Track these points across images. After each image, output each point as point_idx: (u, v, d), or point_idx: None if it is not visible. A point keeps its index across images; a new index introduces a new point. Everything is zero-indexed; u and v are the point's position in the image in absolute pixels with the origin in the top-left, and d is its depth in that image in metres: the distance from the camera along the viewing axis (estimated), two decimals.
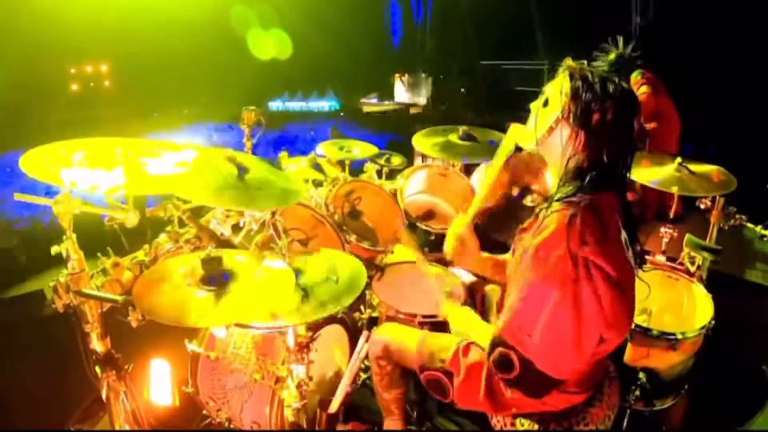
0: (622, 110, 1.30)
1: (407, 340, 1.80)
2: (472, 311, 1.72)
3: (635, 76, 4.47)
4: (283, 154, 3.00)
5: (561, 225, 1.26)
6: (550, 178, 1.47)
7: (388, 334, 1.88)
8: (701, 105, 4.99)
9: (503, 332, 1.33)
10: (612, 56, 4.90)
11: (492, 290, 2.11)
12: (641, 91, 4.44)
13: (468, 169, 3.30)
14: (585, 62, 1.38)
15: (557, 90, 1.36)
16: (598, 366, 1.51)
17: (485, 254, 1.80)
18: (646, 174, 2.53)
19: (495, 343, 1.36)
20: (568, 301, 1.23)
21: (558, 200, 1.34)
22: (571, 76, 1.33)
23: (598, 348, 1.34)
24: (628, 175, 1.38)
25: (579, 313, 1.23)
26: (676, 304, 2.37)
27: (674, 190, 2.43)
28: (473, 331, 1.60)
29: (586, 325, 1.25)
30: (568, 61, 1.39)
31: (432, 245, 2.78)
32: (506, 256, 1.81)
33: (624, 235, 1.36)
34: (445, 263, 2.65)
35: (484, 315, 1.96)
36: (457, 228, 1.73)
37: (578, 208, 1.27)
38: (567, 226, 1.25)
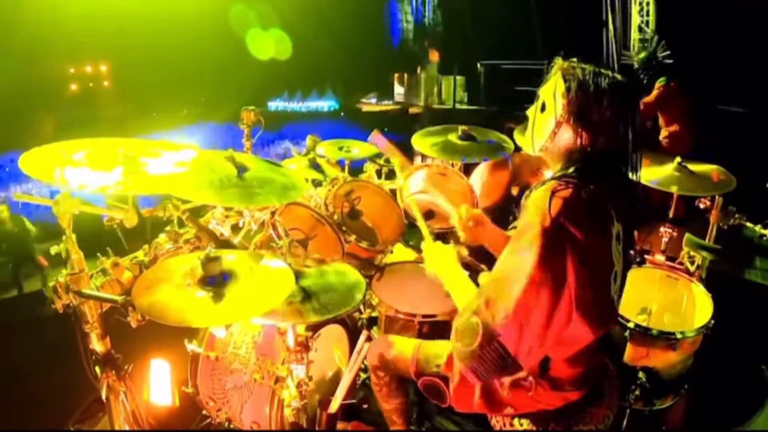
0: (620, 103, 1.29)
1: (402, 348, 1.80)
2: (452, 250, 1.63)
3: (661, 81, 4.54)
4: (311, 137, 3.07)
5: (545, 196, 1.24)
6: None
7: (383, 343, 1.88)
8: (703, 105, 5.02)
9: (477, 298, 1.26)
10: (644, 55, 4.96)
11: (485, 278, 2.10)
12: (652, 94, 4.52)
13: (467, 169, 3.30)
14: (575, 60, 1.35)
15: (551, 93, 1.35)
16: (592, 363, 1.50)
17: (498, 229, 1.78)
18: (646, 174, 2.53)
19: (464, 309, 1.28)
20: (548, 266, 1.18)
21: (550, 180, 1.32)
22: (564, 77, 1.32)
23: (567, 339, 1.28)
24: (629, 169, 1.36)
25: (557, 285, 1.18)
26: (676, 303, 2.37)
27: (674, 189, 2.43)
28: (453, 285, 1.51)
29: (559, 297, 1.19)
30: (559, 62, 1.37)
31: None
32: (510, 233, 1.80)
33: (617, 228, 1.32)
34: None
35: None
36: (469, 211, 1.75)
37: (565, 184, 1.26)
38: (551, 196, 1.23)
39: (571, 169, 1.31)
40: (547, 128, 1.36)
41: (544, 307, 1.19)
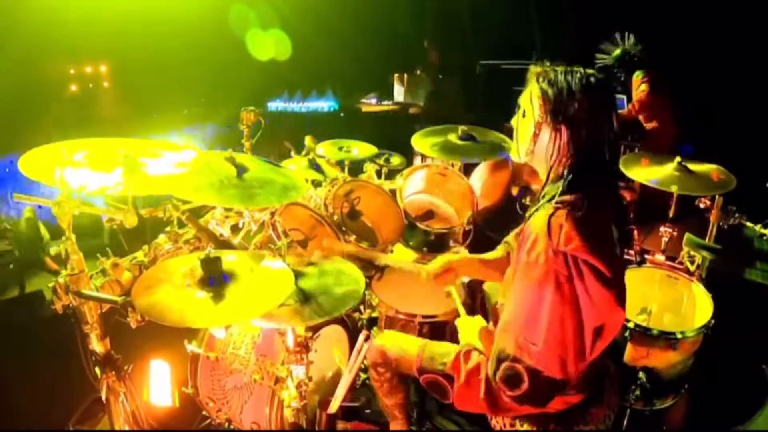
0: (594, 95, 1.31)
1: (406, 345, 1.79)
2: (483, 321, 1.71)
3: (638, 75, 4.50)
4: (309, 137, 3.07)
5: (543, 226, 1.27)
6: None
7: (385, 340, 1.87)
8: (701, 104, 5.01)
9: (506, 345, 1.32)
10: (617, 52, 4.99)
11: (490, 288, 2.11)
12: (641, 89, 4.47)
13: (467, 169, 3.31)
14: (547, 63, 1.39)
15: (529, 98, 1.39)
16: (594, 366, 1.50)
17: (470, 256, 1.87)
18: (646, 174, 2.54)
19: (499, 359, 1.34)
20: (565, 298, 1.24)
21: (546, 202, 1.35)
22: (537, 80, 1.36)
23: (595, 344, 1.34)
24: (616, 167, 1.38)
25: (577, 310, 1.24)
26: (676, 303, 2.37)
27: (673, 189, 2.43)
28: (482, 343, 1.59)
29: (585, 321, 1.26)
30: (532, 68, 1.41)
31: (431, 245, 2.77)
32: (493, 254, 1.85)
33: (615, 231, 1.35)
34: None
35: (486, 315, 1.96)
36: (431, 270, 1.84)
37: (560, 207, 1.28)
38: (548, 226, 1.26)
39: (560, 187, 1.33)
40: (528, 133, 1.40)
41: (572, 331, 1.25)
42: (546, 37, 8.10)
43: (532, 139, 1.39)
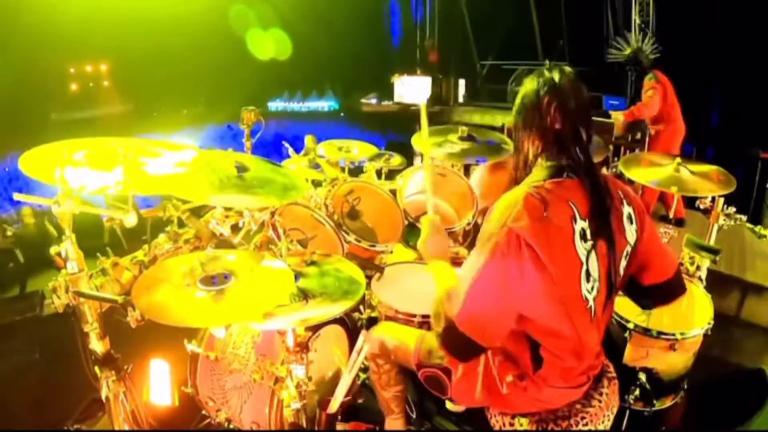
0: (541, 91, 1.37)
1: (405, 338, 1.81)
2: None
3: (648, 79, 4.51)
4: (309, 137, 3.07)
5: (501, 203, 1.34)
6: None
7: (384, 332, 1.88)
8: (702, 105, 5.01)
9: (446, 291, 1.40)
10: (629, 51, 5.00)
11: None
12: (647, 95, 4.49)
13: (468, 169, 3.31)
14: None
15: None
16: (590, 363, 1.50)
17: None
18: (646, 174, 2.53)
19: (437, 298, 1.43)
20: (494, 271, 1.28)
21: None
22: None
23: (548, 330, 1.36)
24: (586, 162, 1.38)
25: (503, 286, 1.28)
26: (676, 304, 2.36)
27: (673, 190, 2.43)
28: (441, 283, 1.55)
29: (510, 301, 1.30)
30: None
31: None
32: None
33: (581, 225, 1.33)
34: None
35: None
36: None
37: (523, 190, 1.33)
38: (505, 202, 1.33)
39: (535, 175, 1.39)
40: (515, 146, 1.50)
41: (491, 305, 1.31)
42: (547, 37, 8.10)
43: (517, 149, 1.48)
